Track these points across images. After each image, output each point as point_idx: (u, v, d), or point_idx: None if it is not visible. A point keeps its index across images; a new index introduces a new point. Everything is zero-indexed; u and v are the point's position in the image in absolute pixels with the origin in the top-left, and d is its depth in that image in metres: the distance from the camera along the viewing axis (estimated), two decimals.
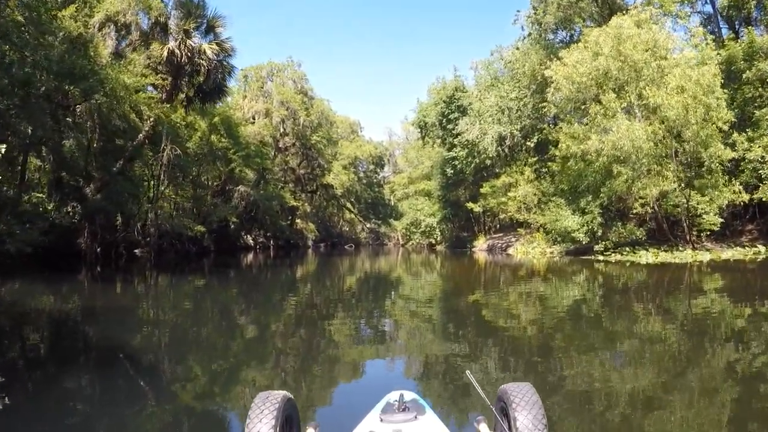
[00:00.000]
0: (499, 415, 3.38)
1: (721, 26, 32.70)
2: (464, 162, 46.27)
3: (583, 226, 27.40)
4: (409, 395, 3.91)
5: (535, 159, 40.19)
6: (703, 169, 25.02)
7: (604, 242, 27.04)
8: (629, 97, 24.60)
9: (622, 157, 24.29)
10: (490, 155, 41.80)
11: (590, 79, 25.71)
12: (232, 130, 41.85)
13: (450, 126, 47.90)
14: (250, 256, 43.70)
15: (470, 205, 46.38)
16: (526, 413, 3.13)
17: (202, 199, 43.72)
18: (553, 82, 27.57)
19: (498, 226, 53.50)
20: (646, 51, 24.89)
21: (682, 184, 24.85)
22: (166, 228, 33.07)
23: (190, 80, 30.12)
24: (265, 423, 2.98)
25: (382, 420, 3.55)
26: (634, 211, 25.90)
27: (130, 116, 25.44)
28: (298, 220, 63.90)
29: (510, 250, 40.54)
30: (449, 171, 50.73)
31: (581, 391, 6.10)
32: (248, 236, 54.86)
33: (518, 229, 41.75)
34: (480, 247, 48.18)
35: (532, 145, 40.81)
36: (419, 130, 55.19)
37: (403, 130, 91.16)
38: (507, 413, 3.26)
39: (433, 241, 59.46)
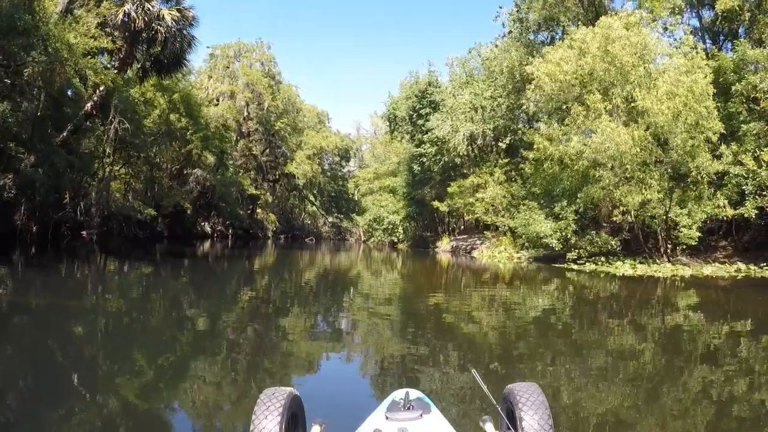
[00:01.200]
0: (505, 415, 3.35)
1: (706, 40, 31.76)
2: (432, 159, 44.86)
3: (556, 232, 26.01)
4: (415, 393, 3.93)
5: (506, 160, 38.84)
6: (688, 180, 23.84)
7: (577, 250, 25.68)
8: (615, 99, 23.28)
9: (603, 161, 22.96)
10: (460, 153, 40.45)
11: (575, 78, 24.34)
12: (192, 110, 39.62)
13: (420, 121, 46.53)
14: (207, 245, 42.16)
15: (436, 204, 44.84)
16: (532, 413, 3.08)
17: (157, 181, 41.55)
18: (533, 79, 26.13)
19: (462, 227, 52.44)
20: (635, 54, 23.62)
21: (664, 194, 23.64)
22: (113, 209, 30.77)
23: (148, 50, 27.96)
24: (270, 420, 2.92)
25: (387, 418, 3.54)
26: (614, 219, 24.57)
27: (74, 82, 23.04)
28: (258, 210, 62.31)
29: (475, 253, 39.17)
30: (416, 168, 49.30)
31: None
32: (206, 224, 52.98)
33: (485, 232, 40.39)
34: (443, 248, 46.76)
35: (504, 146, 39.57)
36: (388, 123, 53.62)
37: (371, 125, 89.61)
38: (513, 413, 3.21)
39: (395, 240, 57.82)
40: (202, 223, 52.27)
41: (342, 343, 9.11)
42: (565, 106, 25.48)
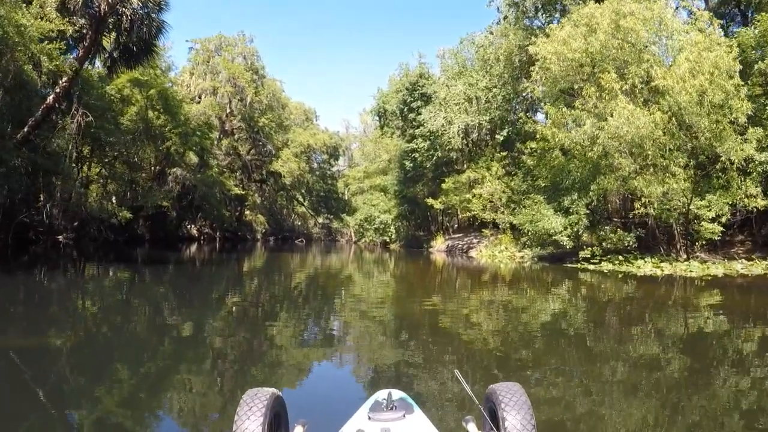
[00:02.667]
0: (488, 415, 3.30)
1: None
2: (425, 155, 42.86)
3: (567, 228, 23.71)
4: (398, 394, 3.87)
5: (504, 154, 36.64)
6: (716, 166, 21.63)
7: (589, 248, 23.42)
8: (632, 78, 21.08)
9: (621, 148, 20.74)
10: (455, 147, 38.34)
11: (585, 56, 22.13)
12: (171, 106, 37.28)
13: (411, 116, 44.57)
14: (194, 248, 39.85)
15: (430, 201, 42.67)
16: (515, 413, 3.02)
17: (135, 182, 39.29)
18: (537, 60, 23.92)
19: (456, 226, 50.53)
20: (650, 29, 21.50)
21: (690, 183, 21.44)
22: (84, 212, 28.44)
23: (118, 39, 25.56)
24: (253, 420, 2.87)
25: (370, 418, 3.51)
26: (628, 213, 22.35)
27: (26, 69, 20.57)
28: (247, 212, 60.36)
29: (472, 253, 36.99)
30: (408, 164, 47.35)
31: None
32: (192, 226, 50.86)
33: (483, 230, 38.18)
34: (438, 247, 44.60)
35: (502, 138, 37.45)
36: (378, 118, 51.54)
37: (360, 122, 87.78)
38: (495, 413, 3.15)
39: (388, 240, 56.02)
40: (188, 226, 50.23)
41: (325, 345, 8.76)
42: (576, 86, 23.20)
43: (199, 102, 48.26)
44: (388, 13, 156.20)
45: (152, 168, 41.54)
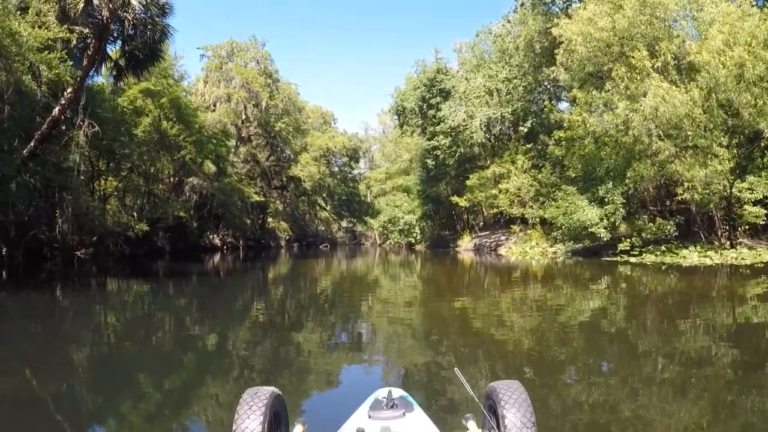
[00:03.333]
0: (488, 413, 3.26)
1: None
2: (447, 152, 41.66)
3: (602, 219, 22.21)
4: (398, 392, 3.91)
5: (529, 146, 35.19)
6: (760, 144, 20.10)
7: (628, 240, 21.94)
8: (664, 55, 19.64)
9: (658, 130, 19.29)
10: (478, 141, 36.99)
11: (612, 35, 20.70)
12: (183, 114, 36.45)
13: (431, 112, 43.45)
14: (216, 258, 39.03)
15: (455, 199, 41.38)
16: (514, 411, 2.99)
17: (151, 193, 38.56)
18: (562, 43, 22.54)
19: (482, 223, 49.27)
20: (678, 2, 20.08)
21: (735, 164, 19.90)
22: (97, 225, 27.61)
23: (124, 46, 24.71)
24: (253, 419, 2.86)
25: (370, 416, 3.52)
26: (676, 198, 20.83)
27: (24, 80, 19.65)
28: (269, 219, 59.57)
29: (501, 250, 35.67)
30: (430, 163, 46.20)
31: None
32: (214, 236, 50.05)
33: (511, 226, 36.75)
34: (465, 246, 43.33)
35: (526, 130, 36.04)
36: (396, 116, 50.44)
37: (379, 123, 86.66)
38: (495, 411, 3.13)
39: (413, 241, 55.18)
40: (211, 236, 49.51)
41: (325, 344, 8.88)
42: (605, 68, 21.75)
43: (214, 110, 47.48)
44: (401, 14, 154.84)
45: (170, 179, 40.83)
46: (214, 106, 48.46)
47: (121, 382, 6.60)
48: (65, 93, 22.97)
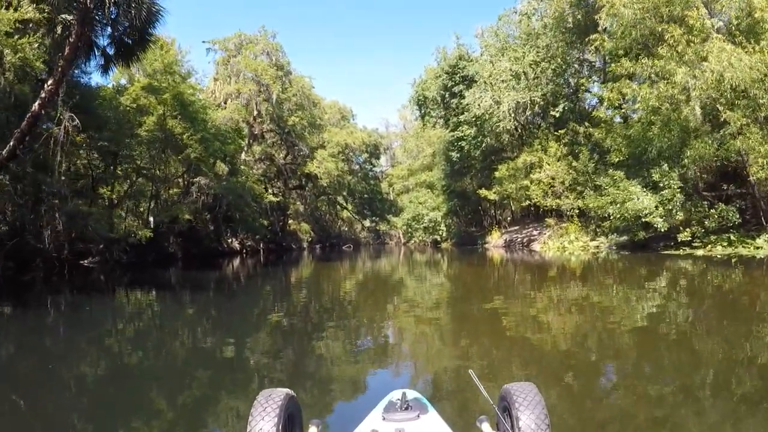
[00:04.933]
0: (502, 415, 3.21)
1: None
2: (472, 143, 38.97)
3: (658, 207, 19.23)
4: (412, 394, 3.81)
5: (563, 131, 32.19)
6: None
7: (688, 229, 19.00)
8: (727, 10, 16.76)
9: (724, 99, 16.40)
10: (506, 129, 34.16)
11: None
12: (188, 111, 34.22)
13: (454, 101, 40.92)
14: (236, 263, 36.70)
15: (483, 192, 38.58)
16: (529, 413, 2.94)
17: (159, 196, 36.46)
18: (603, 6, 19.69)
19: (510, 218, 46.60)
20: None
21: None
22: (90, 231, 25.43)
23: (112, 33, 22.44)
24: (267, 421, 2.87)
25: (384, 418, 3.46)
26: (754, 177, 17.82)
27: None
28: (290, 221, 57.50)
29: (535, 246, 32.83)
30: (455, 155, 43.61)
31: None
32: (233, 240, 47.93)
33: (546, 219, 33.81)
34: (495, 243, 40.60)
35: (558, 114, 33.13)
36: (417, 107, 47.93)
37: (400, 119, 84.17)
38: (510, 413, 3.07)
39: (438, 238, 52.95)
40: (229, 239, 47.49)
41: (342, 347, 8.52)
42: (658, 30, 18.78)
43: (224, 108, 45.28)
44: (420, 9, 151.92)
45: (180, 180, 38.69)
46: (225, 103, 46.32)
47: (135, 388, 6.51)
48: (46, 85, 20.70)
